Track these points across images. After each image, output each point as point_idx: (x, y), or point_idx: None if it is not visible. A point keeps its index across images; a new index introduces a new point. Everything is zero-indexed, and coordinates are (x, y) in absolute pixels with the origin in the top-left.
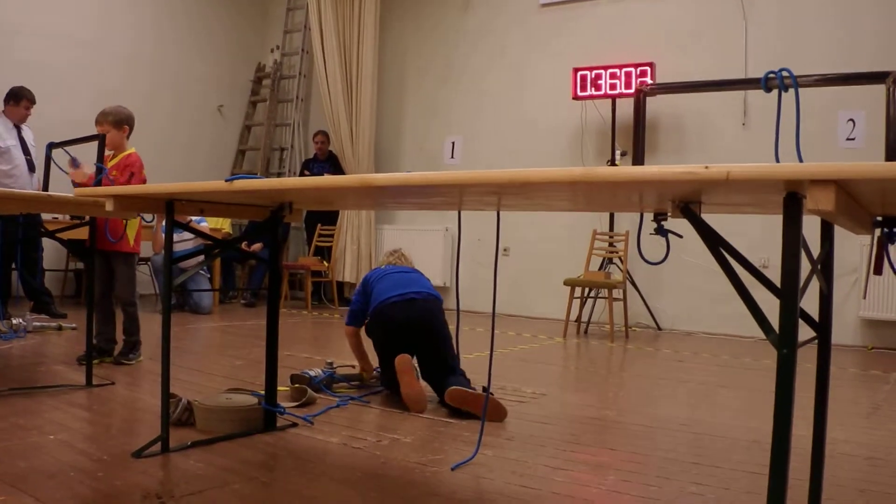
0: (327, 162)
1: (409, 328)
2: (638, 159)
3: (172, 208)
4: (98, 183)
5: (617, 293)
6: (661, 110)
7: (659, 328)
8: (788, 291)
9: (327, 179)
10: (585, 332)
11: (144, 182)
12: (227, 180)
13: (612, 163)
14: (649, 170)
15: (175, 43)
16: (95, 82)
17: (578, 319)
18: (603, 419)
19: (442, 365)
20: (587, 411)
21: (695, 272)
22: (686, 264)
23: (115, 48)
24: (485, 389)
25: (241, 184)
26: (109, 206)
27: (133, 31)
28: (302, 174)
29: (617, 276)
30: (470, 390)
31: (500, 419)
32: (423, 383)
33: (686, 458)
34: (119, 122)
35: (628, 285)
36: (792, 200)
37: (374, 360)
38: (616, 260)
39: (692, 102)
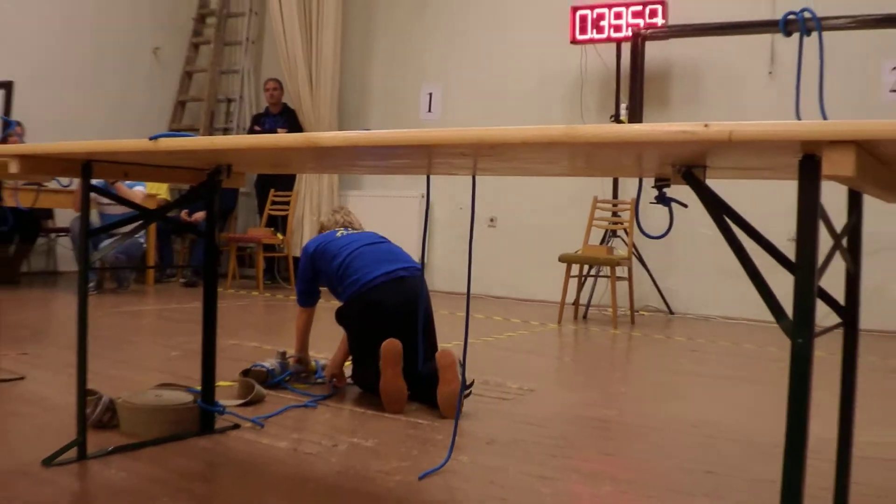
0: (282, 116)
1: (402, 315)
2: (635, 115)
3: (90, 171)
4: (3, 140)
5: (621, 271)
6: (676, 57)
7: (671, 312)
8: (804, 268)
9: (266, 139)
10: (584, 316)
11: None
12: (151, 138)
13: (617, 118)
14: (638, 129)
15: None
16: None
17: (576, 302)
18: (602, 420)
19: (430, 354)
20: (583, 410)
21: (713, 247)
22: (703, 238)
23: None
24: (466, 385)
25: (167, 142)
26: (14, 168)
27: None
28: (252, 131)
29: (621, 251)
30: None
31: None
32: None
33: (697, 465)
34: None
35: (635, 262)
36: (808, 164)
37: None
38: (621, 233)
39: (710, 48)
